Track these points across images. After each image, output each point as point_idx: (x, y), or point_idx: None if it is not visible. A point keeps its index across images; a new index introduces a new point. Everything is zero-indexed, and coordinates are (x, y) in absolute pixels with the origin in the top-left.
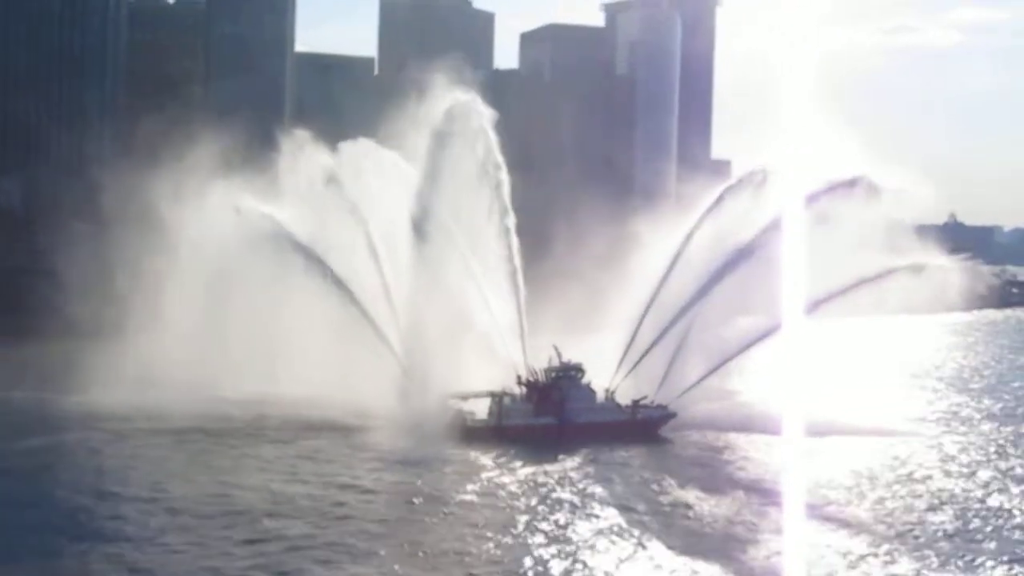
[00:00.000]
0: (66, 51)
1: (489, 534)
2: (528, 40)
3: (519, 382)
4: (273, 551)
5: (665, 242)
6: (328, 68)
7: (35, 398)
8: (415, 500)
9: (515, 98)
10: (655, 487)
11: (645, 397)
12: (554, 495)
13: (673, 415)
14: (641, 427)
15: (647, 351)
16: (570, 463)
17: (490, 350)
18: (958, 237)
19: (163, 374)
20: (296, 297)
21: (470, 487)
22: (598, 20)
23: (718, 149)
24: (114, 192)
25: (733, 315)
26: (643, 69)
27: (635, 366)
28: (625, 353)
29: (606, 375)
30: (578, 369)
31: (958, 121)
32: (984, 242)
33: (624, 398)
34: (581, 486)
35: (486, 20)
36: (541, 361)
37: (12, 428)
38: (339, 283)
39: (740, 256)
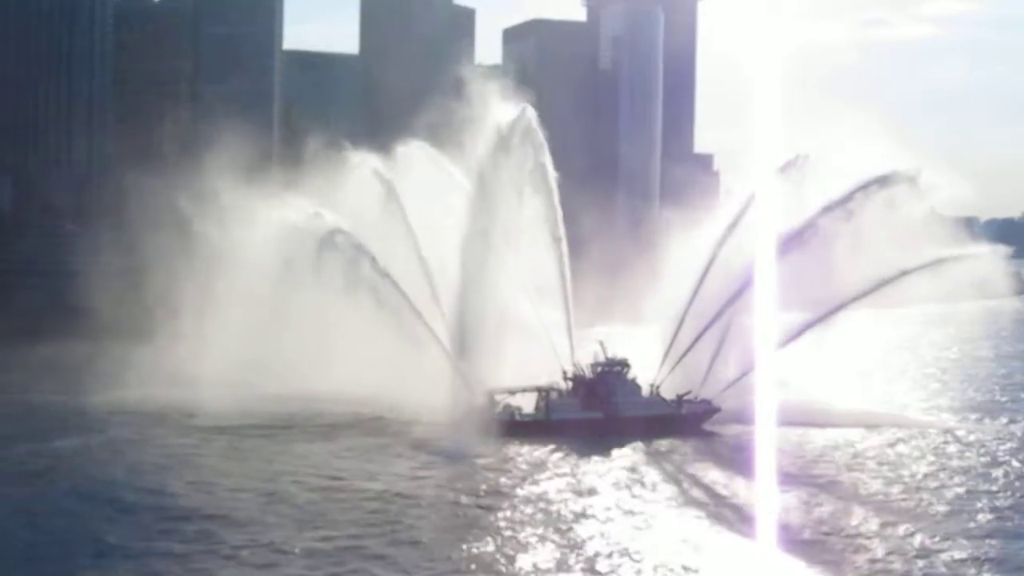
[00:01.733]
0: (54, 51)
1: (543, 528)
2: (511, 35)
3: (565, 377)
4: (324, 548)
5: (696, 239)
6: (313, 66)
7: (92, 398)
8: (465, 495)
9: (497, 93)
10: (704, 479)
11: (689, 392)
12: (605, 488)
13: (717, 410)
14: (686, 421)
15: (692, 345)
16: (618, 457)
17: (537, 345)
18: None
19: (210, 373)
20: (344, 295)
21: (521, 481)
22: (580, 15)
23: (700, 143)
24: (137, 195)
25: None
26: (627, 64)
27: (679, 360)
28: (669, 348)
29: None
30: (624, 364)
31: (933, 114)
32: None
33: (668, 393)
34: (631, 479)
35: (467, 16)
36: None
37: (73, 427)
38: (391, 281)
39: (783, 250)
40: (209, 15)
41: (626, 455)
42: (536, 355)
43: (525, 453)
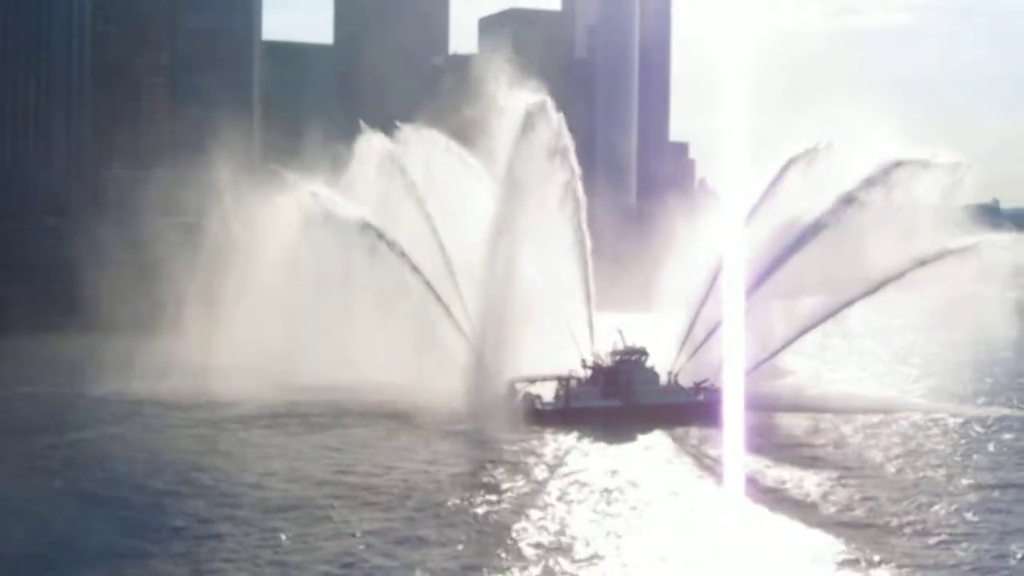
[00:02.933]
0: (32, 44)
1: (566, 512)
2: (487, 24)
3: (585, 366)
4: (351, 535)
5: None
6: (288, 56)
7: (113, 388)
8: (489, 481)
9: (474, 82)
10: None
11: (707, 380)
12: (627, 474)
13: None
14: (703, 409)
15: (710, 334)
16: (637, 444)
17: (556, 333)
18: None
19: (231, 363)
20: (366, 286)
21: (543, 468)
22: (555, 4)
23: (676, 132)
24: (132, 187)
25: (793, 296)
26: (602, 53)
27: (698, 349)
28: (687, 336)
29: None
30: (642, 352)
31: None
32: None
33: (686, 381)
34: (652, 464)
35: (440, 5)
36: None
37: (97, 418)
38: (416, 271)
39: (804, 238)
40: (187, 7)
41: (645, 442)
42: (555, 343)
43: (546, 441)
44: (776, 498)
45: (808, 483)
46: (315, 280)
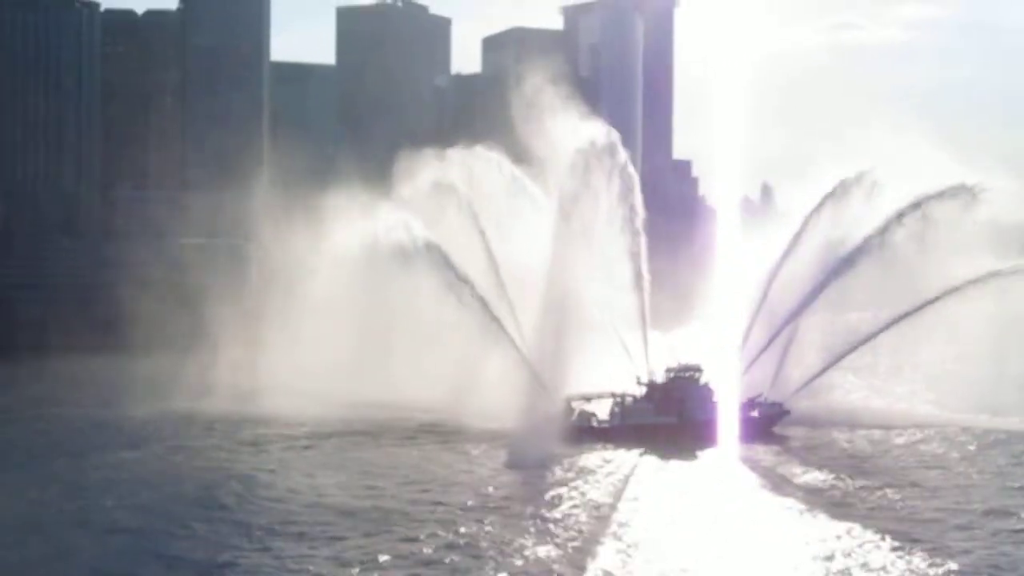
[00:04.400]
0: (41, 65)
1: (628, 528)
2: (491, 44)
3: (639, 383)
4: (411, 553)
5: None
6: (291, 77)
7: (161, 408)
8: (547, 497)
9: (480, 102)
10: (786, 478)
11: (760, 395)
12: (690, 490)
13: (787, 412)
14: (757, 424)
15: (763, 350)
16: (696, 459)
17: (610, 350)
18: None
19: (290, 383)
20: (422, 304)
21: (602, 484)
22: (556, 23)
23: (679, 149)
24: (196, 210)
25: (840, 312)
26: (606, 72)
27: (750, 365)
28: (740, 353)
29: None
30: (697, 369)
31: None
32: None
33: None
34: (713, 480)
35: (443, 25)
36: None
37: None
38: (471, 288)
39: (855, 257)
40: (196, 26)
41: (702, 458)
42: (609, 359)
43: (603, 458)
44: (841, 511)
45: (873, 496)
46: (376, 297)
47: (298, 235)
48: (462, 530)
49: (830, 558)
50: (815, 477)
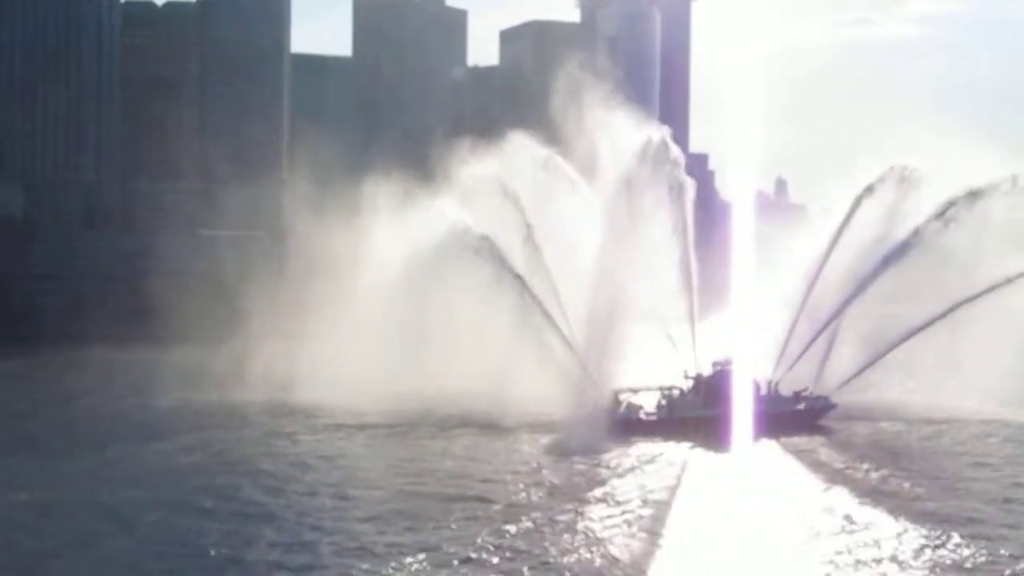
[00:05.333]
0: (61, 56)
1: (685, 518)
2: (508, 37)
3: (686, 376)
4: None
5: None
6: (307, 68)
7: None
8: (598, 490)
9: (497, 94)
10: (831, 470)
11: (806, 388)
12: (739, 480)
13: (834, 406)
14: (803, 417)
15: (809, 345)
16: (745, 452)
17: (656, 341)
18: None
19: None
20: (470, 298)
21: (655, 476)
22: (573, 16)
23: (695, 142)
24: (232, 202)
25: (885, 304)
26: (623, 65)
27: (797, 360)
28: (785, 346)
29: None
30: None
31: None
32: None
33: (785, 390)
34: (766, 472)
35: (459, 18)
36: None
37: (215, 425)
38: (521, 283)
39: (902, 250)
40: (216, 18)
41: (750, 451)
42: (656, 351)
43: (651, 450)
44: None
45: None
46: (423, 290)
47: (334, 227)
48: (521, 521)
49: (881, 548)
50: (863, 469)
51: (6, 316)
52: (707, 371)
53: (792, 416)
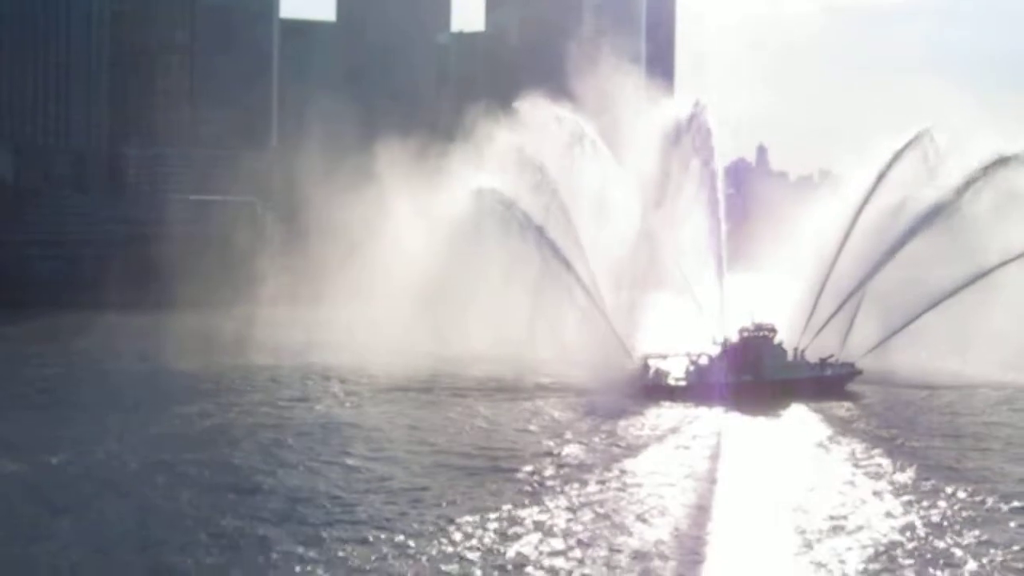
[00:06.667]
0: (51, 22)
1: (711, 484)
2: (494, 3)
3: (715, 342)
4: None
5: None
6: (292, 34)
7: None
8: (632, 452)
9: (482, 60)
10: (862, 433)
11: (832, 355)
12: (770, 445)
13: (860, 372)
14: (830, 383)
15: (834, 313)
16: (776, 416)
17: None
18: None
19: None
20: (497, 263)
21: (685, 440)
22: None
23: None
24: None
25: (904, 270)
26: (610, 31)
27: (823, 326)
28: (811, 313)
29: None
30: (771, 329)
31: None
32: None
33: (812, 356)
34: (797, 435)
35: None
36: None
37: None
38: (556, 250)
39: (931, 216)
40: None
41: (780, 416)
42: (686, 320)
43: (680, 415)
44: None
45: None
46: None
47: (338, 193)
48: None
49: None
50: (892, 433)
51: None
52: (734, 337)
53: (819, 382)
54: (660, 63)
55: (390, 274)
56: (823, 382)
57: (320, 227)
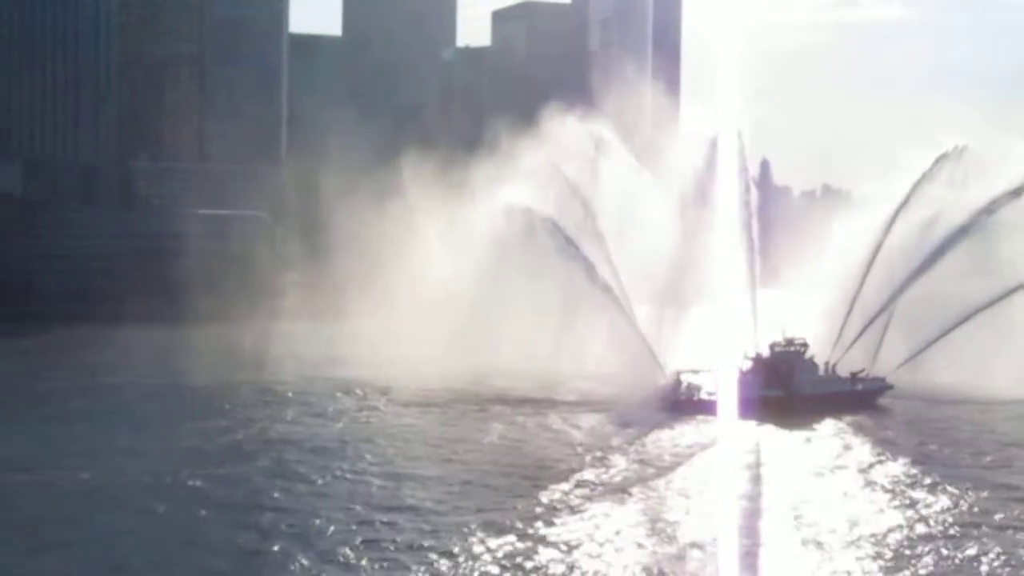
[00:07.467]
0: (59, 34)
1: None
2: (500, 18)
3: (746, 356)
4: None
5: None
6: (297, 48)
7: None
8: (664, 467)
9: (488, 75)
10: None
11: (863, 370)
12: (805, 459)
13: (890, 387)
14: (861, 398)
15: (866, 327)
16: (809, 430)
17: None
18: None
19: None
20: (532, 278)
21: (719, 456)
22: None
23: (687, 121)
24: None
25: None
26: (616, 45)
27: (854, 341)
28: (842, 328)
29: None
30: (803, 344)
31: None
32: None
33: (843, 371)
34: (829, 448)
35: None
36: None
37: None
38: (588, 264)
39: (964, 231)
40: None
41: (812, 429)
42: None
43: (711, 430)
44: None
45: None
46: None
47: (357, 209)
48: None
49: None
50: (925, 445)
51: (7, 294)
52: (766, 352)
53: (850, 396)
54: (666, 75)
55: (416, 289)
56: (855, 396)
57: (340, 241)
